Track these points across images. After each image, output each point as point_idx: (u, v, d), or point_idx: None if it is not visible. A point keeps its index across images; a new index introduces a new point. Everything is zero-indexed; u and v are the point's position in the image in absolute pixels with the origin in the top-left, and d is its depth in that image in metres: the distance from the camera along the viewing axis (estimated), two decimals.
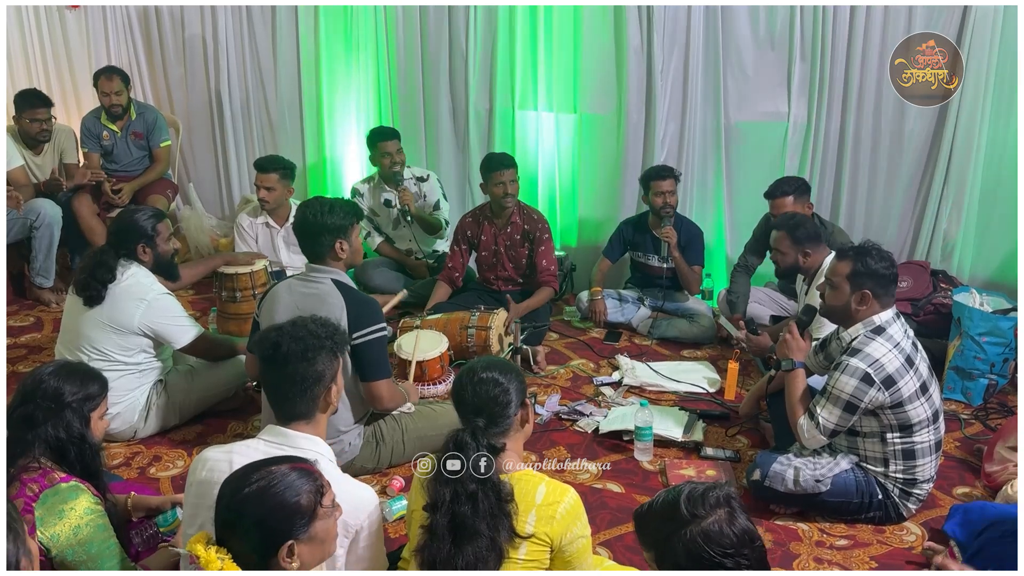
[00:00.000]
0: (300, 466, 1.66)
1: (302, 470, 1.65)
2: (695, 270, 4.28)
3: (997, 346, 3.54)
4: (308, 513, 1.61)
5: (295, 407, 2.08)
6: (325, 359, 2.12)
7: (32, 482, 2.05)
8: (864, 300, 2.69)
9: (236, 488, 1.63)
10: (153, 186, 4.95)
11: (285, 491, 1.60)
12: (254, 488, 1.61)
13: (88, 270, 3.18)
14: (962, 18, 3.94)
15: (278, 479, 1.62)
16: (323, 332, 2.15)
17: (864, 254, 2.71)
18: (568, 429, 3.44)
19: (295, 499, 1.60)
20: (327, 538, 1.67)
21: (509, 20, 4.64)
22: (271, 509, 1.59)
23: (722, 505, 1.52)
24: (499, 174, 4.11)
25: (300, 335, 2.12)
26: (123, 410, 3.21)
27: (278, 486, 1.61)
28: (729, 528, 1.50)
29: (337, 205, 2.96)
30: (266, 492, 1.60)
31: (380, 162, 4.57)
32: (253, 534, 1.58)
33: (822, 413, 2.70)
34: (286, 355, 2.08)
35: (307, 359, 2.08)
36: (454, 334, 3.74)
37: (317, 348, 2.11)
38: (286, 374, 2.08)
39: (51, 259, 4.61)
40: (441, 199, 4.69)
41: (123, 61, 5.35)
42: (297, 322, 2.19)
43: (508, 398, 2.02)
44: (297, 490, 1.61)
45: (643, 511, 1.62)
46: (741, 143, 4.51)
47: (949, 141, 4.12)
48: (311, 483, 1.64)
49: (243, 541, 1.58)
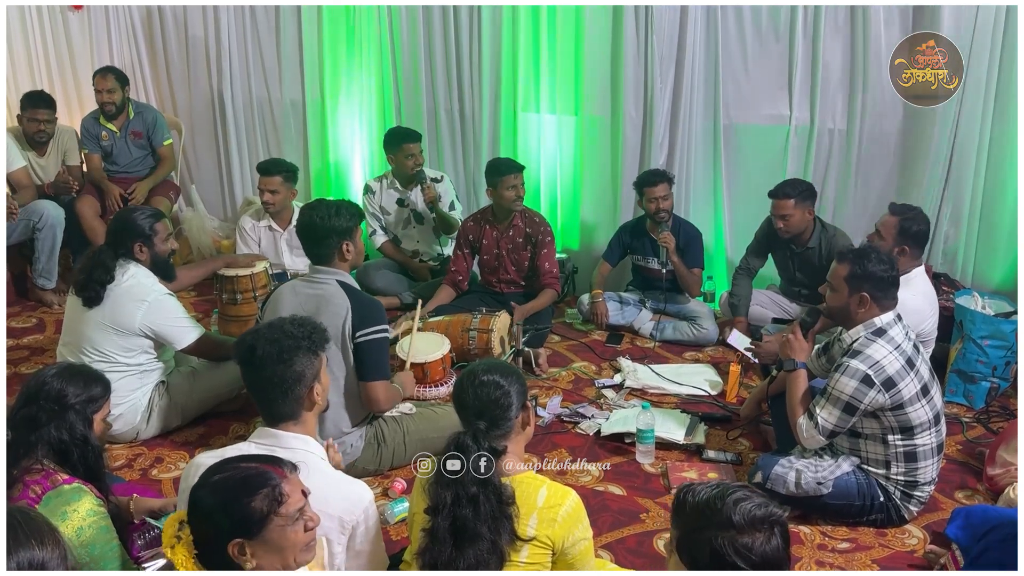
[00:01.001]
0: (268, 469, 1.65)
1: (266, 474, 1.64)
2: (694, 272, 4.28)
3: (999, 349, 3.53)
4: (258, 516, 1.59)
5: (279, 408, 2.08)
6: (303, 359, 2.10)
7: (35, 483, 2.06)
8: (863, 302, 2.70)
9: (205, 476, 1.66)
10: (155, 188, 4.95)
11: (238, 489, 1.61)
12: (215, 480, 1.64)
13: (86, 270, 3.19)
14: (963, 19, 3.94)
15: (237, 477, 1.63)
16: (299, 332, 2.13)
17: (863, 257, 2.72)
18: (570, 431, 3.44)
19: (247, 500, 1.60)
20: (286, 545, 1.64)
21: (512, 22, 4.65)
22: (222, 504, 1.60)
23: (768, 529, 1.51)
24: (510, 178, 4.11)
25: (275, 337, 2.11)
26: (125, 411, 3.21)
27: (234, 484, 1.62)
28: (762, 548, 1.49)
29: (342, 207, 2.96)
30: (221, 487, 1.62)
31: (403, 163, 4.57)
32: (205, 523, 1.61)
33: (821, 413, 2.70)
34: (262, 358, 2.08)
35: (283, 360, 2.08)
36: (456, 336, 3.74)
37: (293, 349, 2.10)
38: (265, 377, 2.08)
39: (54, 260, 4.61)
40: (455, 200, 4.70)
41: (126, 62, 5.36)
42: (274, 323, 2.18)
43: (509, 401, 2.02)
44: (252, 492, 1.60)
45: (688, 495, 1.60)
46: (741, 145, 4.50)
47: (950, 143, 4.12)
48: (270, 488, 1.62)
49: (198, 527, 1.62)
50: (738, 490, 1.56)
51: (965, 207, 4.17)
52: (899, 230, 3.29)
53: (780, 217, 3.92)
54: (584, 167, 4.79)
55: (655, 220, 4.20)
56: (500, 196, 4.15)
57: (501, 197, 4.15)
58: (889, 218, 3.36)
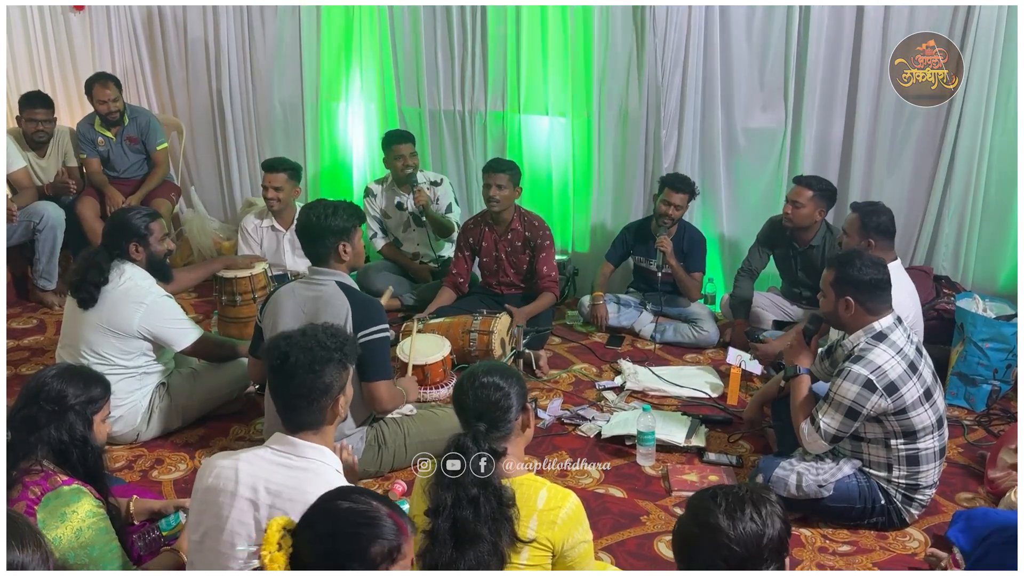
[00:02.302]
0: (398, 521, 1.58)
1: (396, 527, 1.56)
2: (695, 277, 4.27)
3: (1000, 352, 3.53)
4: (370, 562, 1.52)
5: (302, 417, 2.05)
6: (333, 371, 2.08)
7: (34, 485, 2.05)
8: (848, 307, 2.71)
9: (334, 495, 1.60)
10: (156, 189, 4.95)
11: (364, 527, 1.53)
12: (343, 506, 1.56)
13: (80, 271, 3.18)
14: (965, 21, 3.93)
15: (367, 515, 1.55)
16: (332, 343, 2.11)
17: (846, 262, 2.74)
18: (570, 434, 3.43)
19: (367, 541, 1.52)
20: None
21: (515, 23, 4.64)
22: (342, 534, 1.54)
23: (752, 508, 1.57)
24: (486, 177, 4.12)
25: (309, 345, 2.07)
26: (125, 413, 3.21)
27: (361, 520, 1.54)
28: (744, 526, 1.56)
29: (340, 207, 2.97)
30: (346, 517, 1.55)
31: (393, 165, 4.57)
32: (312, 544, 1.54)
33: (823, 418, 2.70)
34: (294, 366, 2.04)
35: (314, 371, 2.05)
36: (456, 338, 3.74)
37: (325, 360, 2.07)
38: (293, 385, 2.05)
39: (54, 262, 4.61)
40: (453, 203, 4.69)
41: (126, 64, 5.36)
42: (307, 331, 2.14)
43: (509, 403, 2.02)
44: (376, 536, 1.53)
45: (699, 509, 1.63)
46: (743, 148, 4.50)
47: (951, 145, 4.12)
48: (391, 541, 1.54)
49: (302, 544, 1.55)
50: (737, 514, 1.59)
51: (967, 209, 4.17)
52: (861, 224, 3.37)
53: (792, 203, 3.90)
54: (588, 169, 4.78)
55: (659, 221, 4.20)
56: (484, 196, 4.18)
57: (484, 197, 4.18)
58: (851, 215, 3.46)
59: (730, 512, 1.56)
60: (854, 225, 3.41)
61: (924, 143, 4.21)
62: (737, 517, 1.55)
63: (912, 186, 4.30)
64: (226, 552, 1.91)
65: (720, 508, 1.57)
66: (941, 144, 4.15)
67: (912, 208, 4.33)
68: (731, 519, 1.55)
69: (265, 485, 1.92)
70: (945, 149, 4.14)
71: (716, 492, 1.62)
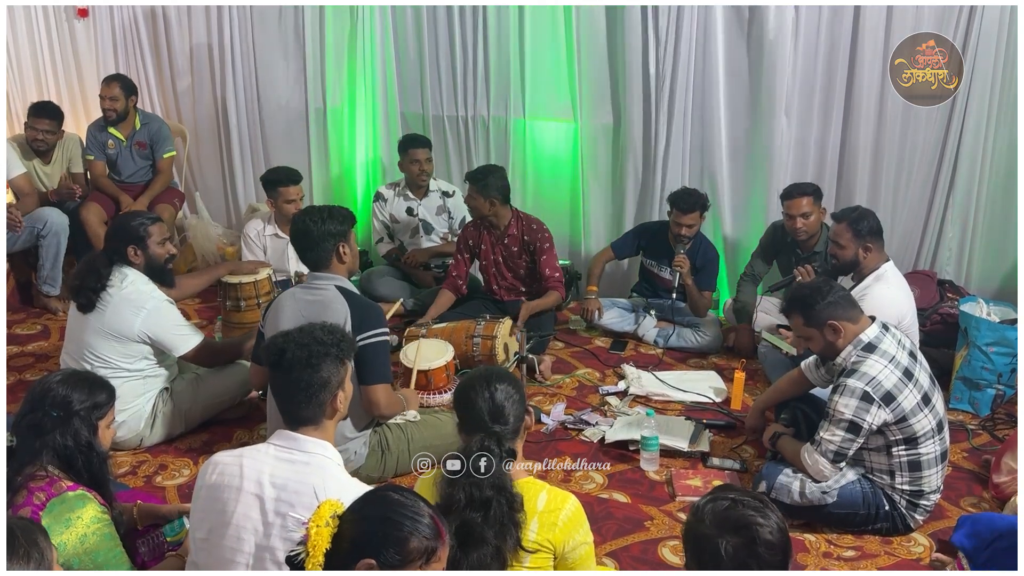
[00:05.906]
0: (439, 526, 1.59)
1: (437, 528, 1.58)
2: (705, 295, 4.26)
3: (1004, 356, 3.52)
4: (404, 554, 1.52)
5: (301, 412, 2.09)
6: (330, 366, 2.12)
7: (39, 490, 2.05)
8: (836, 330, 2.71)
9: (387, 487, 1.65)
10: (160, 195, 4.96)
11: (408, 519, 1.55)
12: (392, 496, 1.59)
13: (80, 276, 3.19)
14: (968, 22, 3.93)
15: (413, 508, 1.57)
16: (329, 339, 2.16)
17: (805, 301, 2.75)
18: (574, 439, 3.43)
19: (409, 533, 1.53)
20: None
21: (519, 26, 4.65)
22: (389, 520, 1.55)
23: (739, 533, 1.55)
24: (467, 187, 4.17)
25: (305, 342, 2.13)
26: (129, 418, 3.21)
27: (406, 512, 1.56)
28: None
29: (335, 211, 3.00)
30: (394, 506, 1.57)
31: (409, 168, 4.60)
32: (356, 524, 1.55)
33: (823, 435, 2.69)
34: (291, 361, 2.09)
35: (311, 365, 2.10)
36: (460, 343, 3.74)
37: (322, 355, 2.12)
38: (291, 380, 2.09)
39: (58, 267, 4.62)
40: (466, 216, 4.69)
41: (131, 70, 5.37)
42: (304, 328, 2.20)
43: (519, 405, 2.06)
44: (417, 531, 1.54)
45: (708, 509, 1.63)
46: (743, 152, 4.50)
47: (954, 149, 4.11)
48: (430, 541, 1.55)
49: (350, 523, 1.56)
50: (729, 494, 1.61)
51: (971, 213, 4.17)
52: (853, 233, 3.34)
53: (800, 216, 3.84)
54: (588, 174, 4.79)
55: (677, 239, 4.19)
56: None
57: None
58: (838, 226, 3.41)
59: (763, 513, 1.57)
60: (845, 235, 3.35)
61: (928, 147, 4.21)
62: (768, 517, 1.56)
63: (916, 190, 4.29)
64: (232, 547, 1.92)
65: (752, 510, 1.57)
66: (944, 147, 4.15)
67: (916, 212, 4.33)
68: (765, 519, 1.56)
69: (270, 479, 1.94)
70: (948, 152, 4.14)
71: (730, 495, 1.62)
